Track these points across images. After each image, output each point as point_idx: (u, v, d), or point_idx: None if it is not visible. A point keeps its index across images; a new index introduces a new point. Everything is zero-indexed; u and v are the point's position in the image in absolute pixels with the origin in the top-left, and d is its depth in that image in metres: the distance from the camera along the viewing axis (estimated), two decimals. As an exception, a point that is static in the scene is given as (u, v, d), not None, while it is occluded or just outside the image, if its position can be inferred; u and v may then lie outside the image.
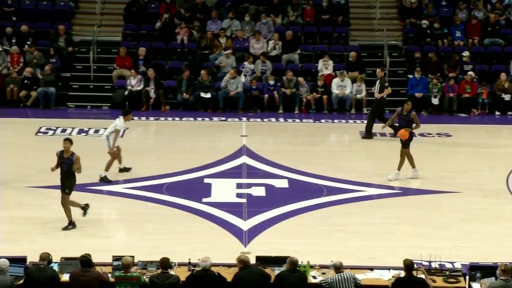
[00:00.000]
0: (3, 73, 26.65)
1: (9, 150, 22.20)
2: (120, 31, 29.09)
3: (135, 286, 13.03)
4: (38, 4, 29.11)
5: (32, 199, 18.87)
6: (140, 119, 25.40)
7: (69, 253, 14.10)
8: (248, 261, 13.17)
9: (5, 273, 12.86)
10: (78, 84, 27.55)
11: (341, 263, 13.11)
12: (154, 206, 18.74)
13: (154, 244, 16.27)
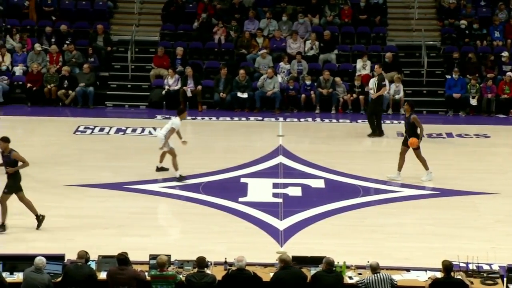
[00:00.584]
0: (42, 72, 26.84)
1: (48, 148, 22.37)
2: (158, 30, 29.19)
3: (171, 284, 13.07)
4: (77, 4, 29.30)
5: (70, 197, 18.98)
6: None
7: (106, 251, 14.16)
8: (289, 261, 13.17)
9: (42, 271, 12.97)
10: (116, 84, 27.68)
11: (378, 263, 13.07)
12: (190, 206, 18.78)
13: (191, 243, 16.31)
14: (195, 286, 12.95)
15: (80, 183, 19.76)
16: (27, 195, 16.94)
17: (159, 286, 13.02)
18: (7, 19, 28.56)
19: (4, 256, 13.82)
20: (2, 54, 27.14)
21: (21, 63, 27.27)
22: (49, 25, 28.38)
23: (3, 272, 13.25)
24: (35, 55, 27.23)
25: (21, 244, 15.95)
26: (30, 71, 26.79)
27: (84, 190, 19.41)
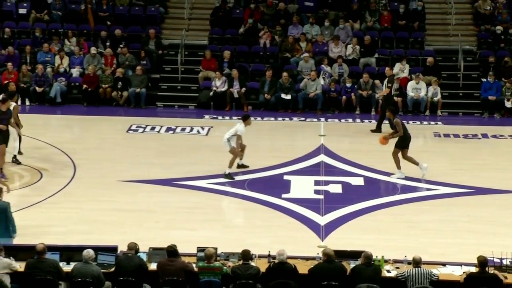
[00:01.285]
0: (97, 74, 27.05)
1: (102, 146, 22.54)
2: (207, 35, 29.27)
3: (217, 276, 13.11)
4: (130, 10, 29.47)
5: (123, 192, 19.10)
6: (224, 118, 25.53)
7: (157, 244, 14.24)
8: (332, 255, 13.14)
9: (90, 262, 13.07)
10: (166, 85, 27.80)
11: (421, 258, 13.02)
12: (236, 201, 18.83)
13: (236, 237, 16.33)
14: (240, 277, 12.97)
15: (132, 179, 19.86)
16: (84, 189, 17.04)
17: (206, 277, 13.06)
18: (65, 24, 28.81)
19: (61, 247, 13.95)
20: (60, 57, 27.39)
21: (78, 65, 27.50)
22: (104, 29, 28.59)
23: (60, 262, 13.38)
24: (91, 57, 27.44)
25: (77, 236, 16.08)
26: (87, 73, 27.00)
27: (136, 185, 19.51)
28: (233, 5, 29.80)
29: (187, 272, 13.14)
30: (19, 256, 13.42)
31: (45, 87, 26.56)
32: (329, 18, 29.36)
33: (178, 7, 30.34)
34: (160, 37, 29.00)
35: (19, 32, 28.61)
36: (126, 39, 28.41)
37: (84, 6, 29.06)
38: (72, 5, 29.47)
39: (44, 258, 13.08)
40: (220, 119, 25.38)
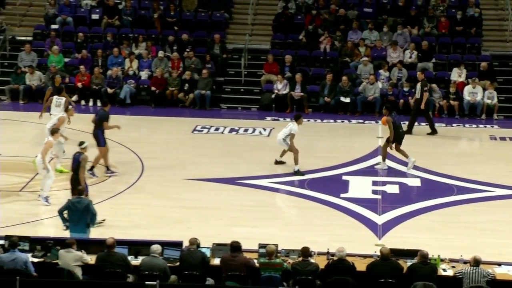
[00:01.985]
0: (165, 76, 27.24)
1: (169, 145, 22.69)
2: (269, 40, 29.28)
3: (278, 271, 13.09)
4: (197, 15, 29.62)
5: (188, 190, 19.20)
6: (285, 120, 25.49)
7: (220, 240, 14.28)
8: (388, 254, 13.05)
9: (157, 256, 13.16)
10: (230, 88, 27.88)
11: (481, 258, 12.84)
12: (296, 200, 18.80)
13: (296, 234, 16.31)
14: (300, 273, 12.94)
15: (197, 177, 19.97)
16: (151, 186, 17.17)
17: (267, 273, 13.06)
18: (135, 29, 29.08)
19: (130, 242, 14.08)
20: (130, 60, 27.66)
21: (147, 68, 27.73)
22: (171, 34, 28.79)
23: (128, 256, 13.50)
24: (159, 61, 27.65)
25: (144, 231, 16.21)
26: (155, 76, 27.22)
27: (201, 183, 19.61)
28: (295, 11, 29.77)
29: (249, 268, 13.15)
30: (90, 249, 13.59)
31: (115, 88, 26.84)
32: (387, 24, 29.16)
33: (242, 13, 30.41)
34: (225, 41, 29.09)
35: (92, 37, 28.96)
36: (192, 43, 28.57)
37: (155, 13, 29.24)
38: (142, 11, 29.72)
39: (113, 252, 13.22)
40: (282, 120, 25.36)
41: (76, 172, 16.52)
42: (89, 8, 29.70)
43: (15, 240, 13.36)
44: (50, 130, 18.22)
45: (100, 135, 19.24)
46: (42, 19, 29.50)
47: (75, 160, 16.60)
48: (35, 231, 15.31)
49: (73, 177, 16.57)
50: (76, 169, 16.53)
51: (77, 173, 16.48)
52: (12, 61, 27.94)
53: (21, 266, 13.02)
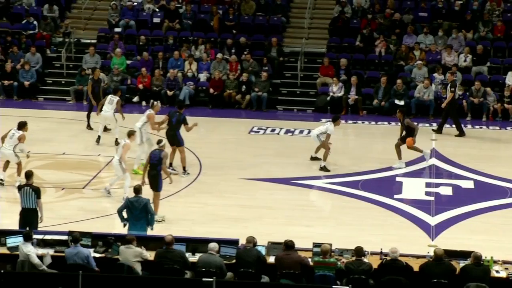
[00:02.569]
0: (223, 78, 27.34)
1: (226, 146, 22.75)
2: (325, 43, 29.19)
3: (332, 270, 13.04)
4: (255, 19, 29.66)
5: (245, 189, 19.23)
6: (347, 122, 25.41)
7: (275, 238, 14.27)
8: (441, 255, 12.91)
9: (214, 254, 13.20)
10: (286, 90, 27.86)
11: None
12: (350, 200, 18.71)
13: (350, 234, 16.24)
14: (353, 272, 12.87)
15: (253, 177, 20.00)
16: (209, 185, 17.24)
17: (321, 271, 13.02)
18: (194, 32, 29.24)
19: (187, 239, 14.15)
20: (189, 62, 27.81)
21: (205, 70, 27.85)
22: (230, 37, 28.87)
23: (186, 252, 13.57)
24: (218, 63, 27.75)
25: (202, 229, 16.30)
26: (213, 78, 27.33)
27: (257, 183, 19.64)
28: (351, 15, 29.63)
29: (303, 266, 13.12)
30: (149, 246, 13.69)
31: (175, 90, 27.02)
32: (442, 28, 28.84)
33: (299, 17, 30.36)
34: (282, 45, 29.08)
35: (153, 40, 29.18)
36: (250, 46, 28.61)
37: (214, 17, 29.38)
38: (201, 15, 29.88)
39: (172, 248, 13.30)
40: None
41: (155, 168, 16.71)
42: (151, 12, 29.94)
43: (78, 235, 13.53)
44: (127, 132, 18.40)
45: (179, 135, 19.58)
46: (106, 23, 29.84)
47: (155, 157, 16.78)
48: (97, 227, 15.46)
49: (151, 173, 16.77)
50: (155, 165, 16.70)
51: (156, 168, 16.69)
52: (76, 63, 28.31)
53: (83, 261, 13.17)
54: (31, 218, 15.09)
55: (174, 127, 19.65)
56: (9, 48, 28.23)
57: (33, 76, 27.30)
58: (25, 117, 23.12)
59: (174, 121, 19.69)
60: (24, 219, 15.13)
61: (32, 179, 15.41)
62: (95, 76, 23.80)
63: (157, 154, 16.84)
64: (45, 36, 29.01)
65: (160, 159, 16.74)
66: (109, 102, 21.81)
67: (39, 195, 15.16)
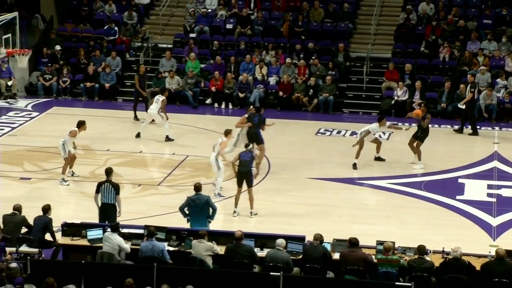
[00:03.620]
0: (291, 82, 27.31)
1: (293, 146, 22.72)
2: (390, 49, 28.93)
3: (394, 267, 12.93)
4: (323, 26, 29.56)
5: (311, 188, 19.19)
6: (404, 124, 25.07)
7: (340, 235, 14.22)
8: (503, 255, 12.67)
9: (281, 249, 13.20)
10: (352, 93, 27.69)
11: None
12: (413, 200, 18.53)
13: (412, 233, 16.09)
14: (415, 270, 12.74)
15: (319, 177, 19.95)
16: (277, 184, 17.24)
17: (384, 268, 12.91)
18: (265, 38, 29.28)
19: (256, 235, 14.19)
20: (260, 66, 27.85)
21: (275, 74, 27.85)
22: (298, 43, 28.83)
23: (254, 248, 13.59)
24: (287, 67, 27.73)
25: (268, 225, 16.31)
26: (282, 81, 27.32)
27: (323, 182, 19.58)
28: (416, 22, 29.30)
29: (367, 263, 13.03)
30: (220, 240, 13.76)
31: (246, 92, 27.11)
32: (506, 34, 28.30)
33: (366, 23, 30.15)
34: (348, 50, 28.92)
35: (226, 45, 29.32)
36: (317, 51, 28.52)
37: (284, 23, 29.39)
38: (272, 21, 29.90)
39: (241, 243, 13.34)
40: (400, 125, 24.97)
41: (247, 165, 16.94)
42: (224, 18, 30.10)
43: (153, 230, 13.68)
44: (225, 131, 18.61)
45: (260, 134, 20.02)
46: (181, 29, 30.10)
47: (246, 155, 17.05)
48: (172, 222, 15.60)
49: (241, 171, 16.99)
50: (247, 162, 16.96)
51: (248, 165, 16.94)
52: (153, 66, 28.62)
53: (158, 254, 13.31)
54: (110, 213, 15.34)
55: (256, 126, 20.03)
56: (91, 52, 28.71)
57: (113, 79, 27.71)
58: (105, 117, 23.52)
59: (256, 121, 20.03)
60: (103, 214, 15.39)
61: (111, 175, 15.65)
62: (140, 71, 24.93)
63: (248, 154, 17.16)
64: (124, 41, 29.41)
65: (252, 157, 17.12)
66: (155, 101, 22.33)
67: (118, 191, 15.40)
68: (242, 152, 17.28)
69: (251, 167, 17.04)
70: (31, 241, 14.26)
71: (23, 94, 27.56)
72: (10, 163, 20.28)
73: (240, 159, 17.07)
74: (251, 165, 17.03)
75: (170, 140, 22.38)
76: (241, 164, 17.01)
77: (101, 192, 15.41)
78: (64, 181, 18.75)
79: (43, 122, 24.53)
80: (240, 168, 17.01)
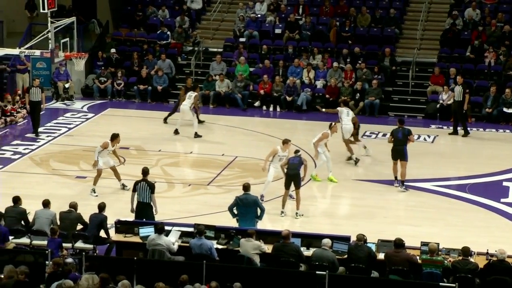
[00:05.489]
0: (338, 85, 27.19)
1: (339, 149, 22.47)
2: (436, 54, 28.63)
3: (439, 268, 12.80)
4: (369, 31, 29.39)
5: (357, 190, 19.08)
6: (449, 128, 24.82)
7: (384, 236, 14.12)
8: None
9: (327, 249, 13.15)
10: (398, 97, 27.47)
11: None
12: (457, 202, 18.32)
13: (457, 234, 15.91)
14: (460, 271, 12.59)
15: (365, 178, 19.83)
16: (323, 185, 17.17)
17: (428, 269, 12.79)
18: (312, 42, 29.21)
19: (302, 234, 14.17)
20: (308, 70, 27.78)
21: (322, 78, 27.76)
22: (345, 47, 28.70)
23: (301, 247, 13.56)
24: (334, 71, 27.62)
25: (316, 225, 16.28)
26: (329, 85, 27.22)
27: (368, 184, 19.46)
28: (462, 27, 28.96)
29: (412, 263, 12.92)
30: (267, 239, 13.76)
31: (293, 96, 27.07)
32: (551, 39, 27.85)
33: (412, 28, 29.89)
34: (394, 54, 28.70)
35: (274, 49, 29.33)
36: (364, 56, 28.37)
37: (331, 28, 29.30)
38: (319, 26, 29.82)
39: (288, 242, 13.33)
40: (445, 128, 24.75)
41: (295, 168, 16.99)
42: (273, 23, 30.11)
43: (202, 228, 13.74)
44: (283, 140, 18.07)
45: (406, 150, 18.92)
46: (231, 33, 30.18)
47: (295, 159, 17.05)
48: (221, 221, 15.65)
49: (291, 173, 17.00)
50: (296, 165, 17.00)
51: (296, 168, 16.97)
52: (204, 69, 28.74)
53: (206, 251, 13.37)
54: (146, 211, 15.41)
55: (402, 142, 18.94)
56: (145, 56, 28.95)
57: (165, 81, 27.90)
58: (157, 119, 23.66)
59: (400, 136, 18.98)
60: (139, 212, 15.47)
61: (147, 175, 15.73)
62: (187, 84, 24.79)
63: (296, 158, 17.12)
64: (177, 45, 29.61)
65: (300, 161, 17.03)
66: (188, 97, 22.54)
67: (153, 190, 15.48)
68: (291, 157, 17.31)
69: (298, 170, 16.99)
70: (86, 238, 14.44)
71: (79, 96, 27.89)
72: (67, 162, 20.56)
73: (288, 162, 17.10)
74: (298, 168, 16.99)
75: (199, 137, 22.62)
76: (289, 167, 17.04)
77: (137, 191, 15.51)
78: (94, 192, 18.16)
79: (98, 123, 24.80)
80: (288, 171, 17.04)
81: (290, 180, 16.95)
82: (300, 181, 17.05)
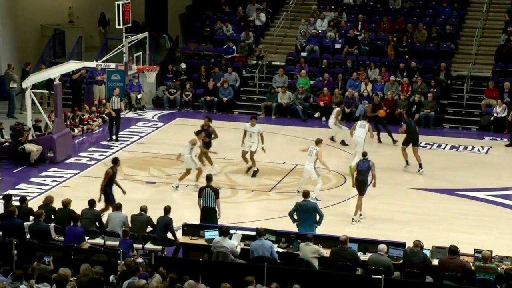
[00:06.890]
0: (395, 98, 26.95)
1: (395, 158, 22.23)
2: (491, 68, 28.14)
3: (492, 275, 12.56)
4: (426, 46, 29.05)
5: (411, 198, 18.86)
6: (502, 140, 24.35)
7: (438, 243, 13.92)
8: None
9: (383, 254, 13.03)
10: (452, 110, 27.08)
11: None
12: (511, 212, 17.93)
13: (510, 243, 15.59)
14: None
15: (419, 187, 19.59)
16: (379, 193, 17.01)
17: (481, 275, 12.55)
18: (371, 57, 29.03)
19: (359, 239, 14.07)
20: (365, 83, 27.62)
21: (379, 91, 27.53)
22: (402, 62, 28.44)
23: (358, 251, 13.47)
24: (391, 85, 27.39)
25: (372, 231, 16.13)
26: (386, 98, 26.99)
27: (422, 193, 19.22)
28: (516, 42, 28.43)
29: (465, 270, 12.71)
30: (326, 244, 13.71)
31: (352, 107, 26.93)
32: None
33: (467, 44, 29.45)
34: (450, 69, 28.31)
35: (334, 63, 29.24)
36: (420, 70, 28.05)
37: (389, 43, 29.08)
38: (378, 42, 29.62)
39: (345, 247, 13.25)
40: (499, 140, 24.28)
41: (363, 174, 16.90)
42: (333, 39, 30.03)
43: (262, 230, 13.77)
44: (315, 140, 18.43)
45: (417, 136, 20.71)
46: (293, 48, 30.20)
47: (364, 165, 16.98)
48: (281, 226, 15.63)
49: (359, 178, 16.97)
50: (364, 172, 16.87)
51: (364, 175, 16.89)
52: (267, 82, 28.81)
53: (267, 250, 13.36)
54: (210, 215, 15.49)
55: (414, 130, 20.74)
56: (211, 69, 29.18)
57: (231, 93, 28.06)
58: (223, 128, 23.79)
59: (413, 125, 20.85)
60: (204, 216, 15.56)
61: (211, 181, 15.81)
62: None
63: (366, 163, 16.96)
64: (241, 59, 29.76)
65: (368, 167, 16.90)
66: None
67: (217, 195, 15.56)
68: (360, 162, 17.19)
69: (367, 176, 16.88)
70: (155, 239, 14.59)
71: (150, 106, 28.25)
72: (138, 168, 20.83)
73: (358, 168, 17.01)
74: (367, 175, 16.87)
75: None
76: (358, 173, 16.96)
77: (202, 197, 15.60)
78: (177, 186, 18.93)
79: (168, 131, 25.08)
80: (357, 177, 16.95)
81: (359, 185, 16.87)
82: (365, 189, 16.87)
